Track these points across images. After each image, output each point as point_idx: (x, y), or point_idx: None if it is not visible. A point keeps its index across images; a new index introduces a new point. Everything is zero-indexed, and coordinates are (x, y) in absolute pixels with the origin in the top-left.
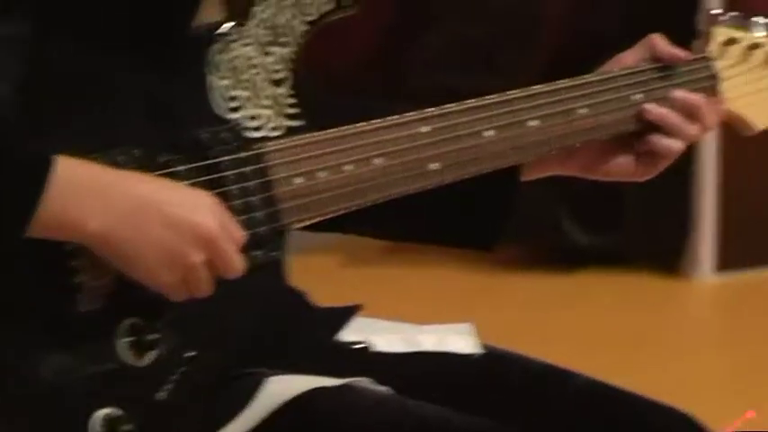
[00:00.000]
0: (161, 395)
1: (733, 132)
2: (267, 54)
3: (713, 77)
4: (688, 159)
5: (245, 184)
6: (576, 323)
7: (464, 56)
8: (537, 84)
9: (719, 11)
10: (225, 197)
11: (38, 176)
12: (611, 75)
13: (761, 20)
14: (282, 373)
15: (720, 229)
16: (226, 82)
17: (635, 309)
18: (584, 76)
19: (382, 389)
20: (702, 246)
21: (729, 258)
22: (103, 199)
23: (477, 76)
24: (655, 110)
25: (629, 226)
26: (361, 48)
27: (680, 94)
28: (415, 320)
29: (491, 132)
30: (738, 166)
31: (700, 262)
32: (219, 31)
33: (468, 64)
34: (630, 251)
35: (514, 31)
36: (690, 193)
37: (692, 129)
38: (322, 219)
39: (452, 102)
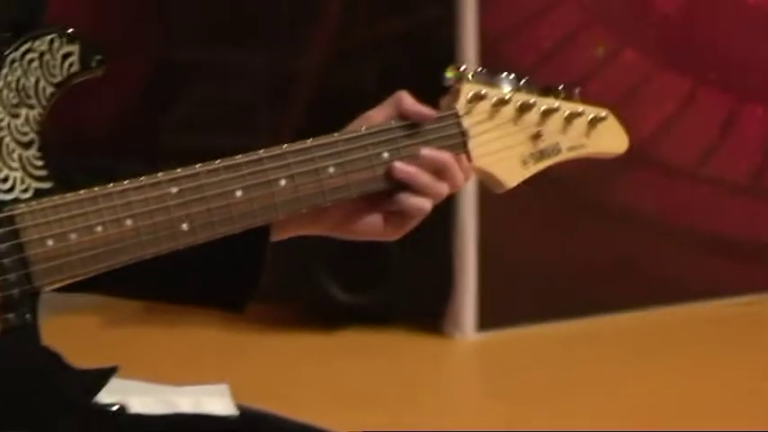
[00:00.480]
0: None
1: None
2: (15, 116)
3: (462, 134)
4: (448, 219)
5: None
6: (337, 381)
7: (219, 116)
8: (287, 143)
9: (465, 66)
10: None
11: None
12: (358, 133)
13: (508, 76)
14: None
15: (481, 288)
16: None
17: (398, 367)
18: (333, 135)
19: None
20: (464, 305)
21: (490, 317)
22: None
23: (232, 136)
24: (403, 168)
25: (391, 285)
26: (115, 109)
27: (427, 152)
28: (172, 381)
29: (240, 192)
30: (497, 225)
31: (462, 321)
32: None
33: (223, 124)
34: (393, 310)
35: (269, 90)
36: (451, 253)
37: (440, 187)
38: (76, 280)
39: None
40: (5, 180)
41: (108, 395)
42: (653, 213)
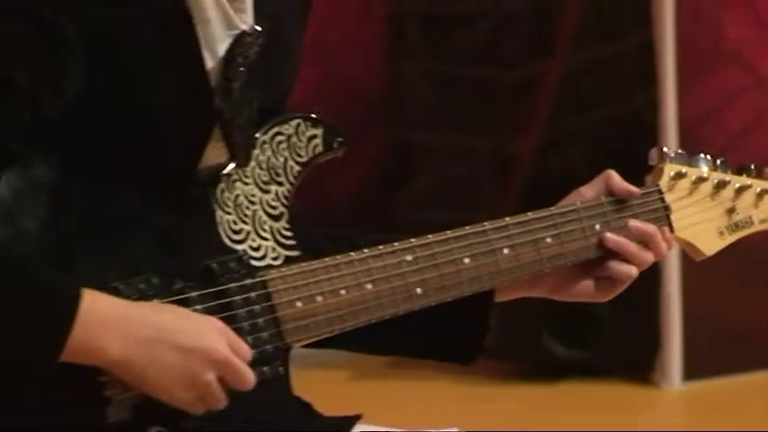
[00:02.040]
0: None
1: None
2: (266, 192)
3: (665, 209)
4: (654, 278)
5: (251, 308)
6: (558, 427)
7: (446, 193)
8: (509, 216)
9: (667, 149)
10: (233, 319)
11: (67, 310)
12: (573, 207)
13: (705, 156)
14: None
15: (686, 341)
16: (231, 216)
17: (612, 415)
18: (550, 209)
19: None
20: (671, 357)
21: (695, 368)
22: (123, 329)
23: (458, 211)
24: (613, 239)
25: (603, 340)
26: (354, 185)
27: (635, 224)
28: (410, 427)
29: (468, 260)
30: (699, 284)
31: (669, 371)
32: (224, 171)
33: (450, 200)
34: (605, 363)
35: (492, 170)
36: (657, 310)
37: (646, 256)
38: (322, 338)
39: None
40: (258, 249)
41: None
42: None
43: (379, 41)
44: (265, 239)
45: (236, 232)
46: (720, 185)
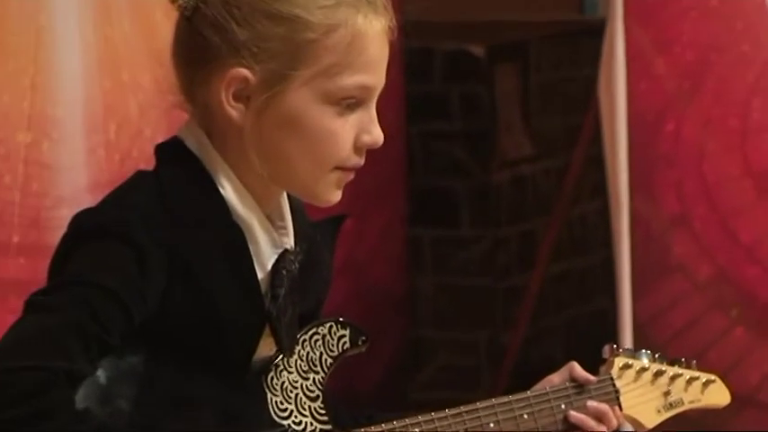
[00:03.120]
0: None
1: None
2: (305, 379)
3: (616, 392)
4: None
5: None
6: None
7: (452, 378)
8: (496, 396)
9: (616, 345)
10: None
11: None
12: (544, 391)
13: (646, 351)
14: None
15: None
16: (278, 398)
17: None
18: (527, 392)
19: None
20: None
21: None
22: None
23: (461, 393)
24: (575, 416)
25: None
26: (376, 375)
27: (592, 404)
28: None
29: None
30: None
31: None
32: (274, 362)
33: (453, 386)
34: None
35: (488, 358)
36: None
37: (602, 429)
38: None
39: None
40: (299, 423)
41: None
42: None
43: (398, 258)
44: (305, 416)
45: (282, 410)
46: (658, 374)
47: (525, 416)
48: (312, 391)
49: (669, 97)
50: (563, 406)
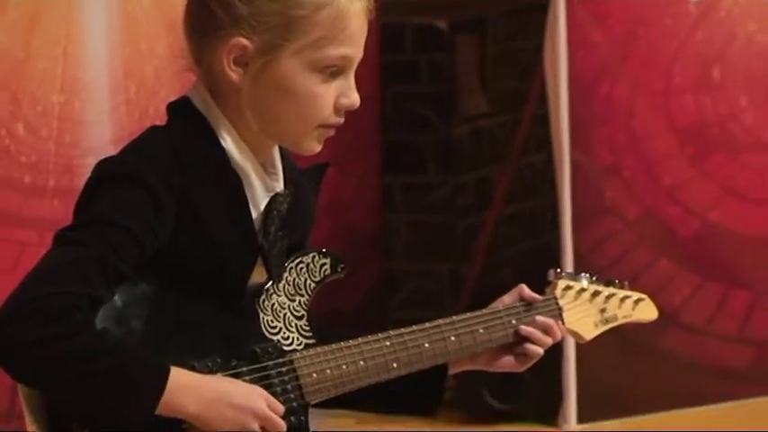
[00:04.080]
0: None
1: None
2: (292, 301)
3: (559, 309)
4: (557, 352)
5: (282, 378)
6: None
7: (419, 300)
8: (457, 315)
9: (560, 269)
10: (270, 386)
11: (160, 379)
12: (497, 309)
13: (585, 274)
14: None
15: (579, 395)
16: (269, 317)
17: None
18: (482, 310)
19: None
20: (569, 407)
21: (587, 414)
22: (197, 394)
23: (430, 312)
24: (525, 329)
25: (524, 396)
26: (354, 299)
27: (540, 318)
28: None
29: (427, 345)
30: (589, 354)
31: (568, 417)
32: (265, 287)
33: (423, 306)
34: (527, 412)
35: (451, 287)
36: (560, 373)
37: (547, 339)
38: (330, 397)
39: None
40: (287, 339)
41: None
42: None
43: (373, 201)
44: (292, 332)
45: (272, 328)
46: (596, 294)
47: (481, 330)
48: (298, 311)
49: (604, 63)
50: (514, 321)
